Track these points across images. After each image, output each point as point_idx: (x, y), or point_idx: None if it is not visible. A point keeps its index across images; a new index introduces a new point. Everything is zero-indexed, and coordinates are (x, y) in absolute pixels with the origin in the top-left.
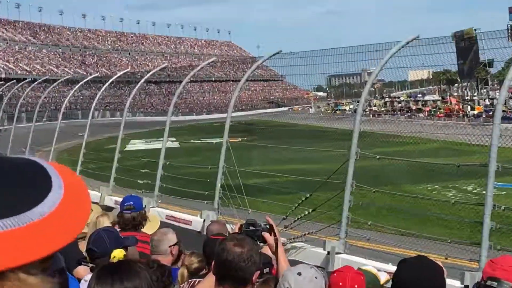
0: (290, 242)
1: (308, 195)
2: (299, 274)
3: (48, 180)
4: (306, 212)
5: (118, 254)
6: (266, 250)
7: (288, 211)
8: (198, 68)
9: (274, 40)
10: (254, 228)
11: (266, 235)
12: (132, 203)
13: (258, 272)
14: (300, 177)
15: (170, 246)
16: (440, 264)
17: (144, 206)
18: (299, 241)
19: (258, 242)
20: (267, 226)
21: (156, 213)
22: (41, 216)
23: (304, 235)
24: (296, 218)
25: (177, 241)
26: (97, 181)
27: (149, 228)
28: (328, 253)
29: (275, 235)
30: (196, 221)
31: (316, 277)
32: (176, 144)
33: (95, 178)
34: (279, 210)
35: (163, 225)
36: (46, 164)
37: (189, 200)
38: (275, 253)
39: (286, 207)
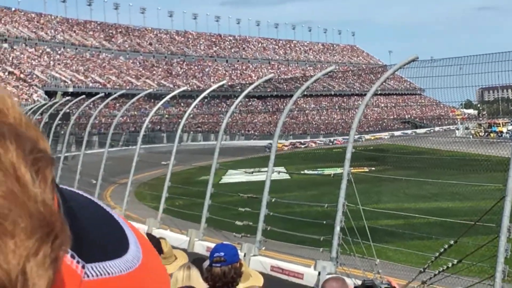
0: None
1: (452, 242)
2: None
3: (123, 230)
4: (450, 264)
5: None
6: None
7: (427, 262)
8: (313, 79)
9: (410, 44)
10: None
11: None
12: (222, 254)
13: None
14: (443, 218)
15: None
16: None
17: (244, 255)
18: None
19: None
20: None
21: (259, 263)
22: (137, 264)
23: None
24: (438, 271)
25: None
26: (185, 222)
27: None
28: None
29: None
30: (309, 274)
31: None
32: (286, 176)
33: (183, 217)
34: (415, 260)
35: (267, 278)
36: (114, 213)
37: (300, 247)
38: None
39: (424, 257)
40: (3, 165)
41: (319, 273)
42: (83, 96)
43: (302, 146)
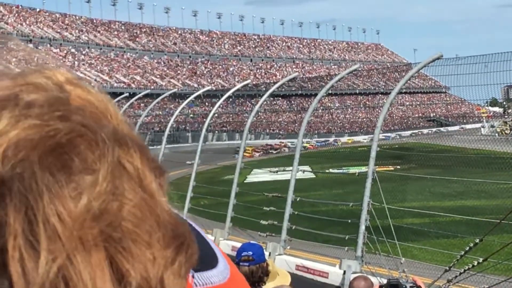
0: None
1: (478, 240)
2: None
3: (208, 242)
4: (476, 262)
5: None
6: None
7: (452, 261)
8: (337, 78)
9: (435, 41)
10: None
11: None
12: (251, 253)
13: None
14: (468, 217)
15: None
16: None
17: (269, 254)
18: None
19: None
20: None
21: (284, 262)
22: (228, 274)
23: None
24: (463, 270)
25: None
26: (210, 221)
27: (279, 285)
28: None
29: None
30: (334, 273)
31: None
32: (311, 175)
33: (208, 217)
34: (441, 259)
35: (292, 278)
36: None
37: (325, 246)
38: None
39: (450, 256)
40: (130, 174)
41: (344, 272)
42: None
43: (274, 151)
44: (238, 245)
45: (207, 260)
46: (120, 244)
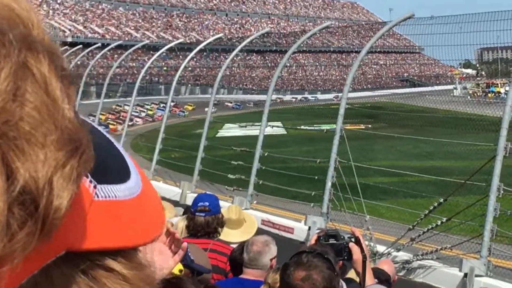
0: (417, 260)
1: (442, 200)
2: None
3: (123, 157)
4: (439, 222)
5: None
6: (384, 264)
7: (416, 219)
8: (308, 34)
9: (412, 1)
10: (335, 241)
11: (354, 247)
12: (207, 204)
13: None
14: (437, 177)
15: (271, 259)
16: None
17: (237, 205)
18: (428, 259)
19: (338, 260)
20: (352, 239)
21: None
22: (138, 191)
23: (436, 251)
24: (427, 229)
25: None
26: (180, 174)
27: (243, 233)
28: (466, 275)
29: (362, 251)
30: (299, 228)
31: None
32: (282, 131)
33: (178, 170)
34: (408, 218)
35: (257, 232)
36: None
37: (291, 201)
38: (362, 273)
39: (417, 215)
40: (36, 77)
41: (309, 228)
42: (80, 46)
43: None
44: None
45: (115, 173)
46: (14, 142)
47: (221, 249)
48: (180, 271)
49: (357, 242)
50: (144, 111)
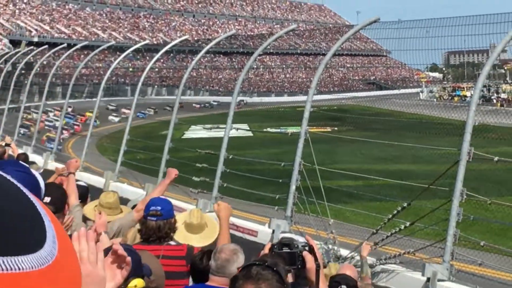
0: (381, 264)
1: (406, 204)
2: None
3: (43, 223)
4: (403, 226)
5: (139, 283)
6: (346, 270)
7: (381, 223)
8: (275, 37)
9: (378, 4)
10: (288, 250)
11: (308, 256)
12: (159, 208)
13: None
14: (401, 181)
15: (238, 269)
16: None
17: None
18: (392, 263)
19: (291, 268)
20: (306, 248)
21: (214, 219)
22: (50, 261)
23: (399, 255)
24: (390, 233)
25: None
26: (145, 176)
27: (204, 238)
28: (428, 279)
29: (316, 260)
30: (263, 231)
31: None
32: (249, 133)
33: (144, 171)
34: (372, 222)
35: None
36: (36, 201)
37: (256, 204)
38: (315, 282)
39: (380, 218)
40: None
41: (273, 231)
42: (46, 46)
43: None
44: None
45: (24, 242)
46: None
47: (173, 253)
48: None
49: (311, 250)
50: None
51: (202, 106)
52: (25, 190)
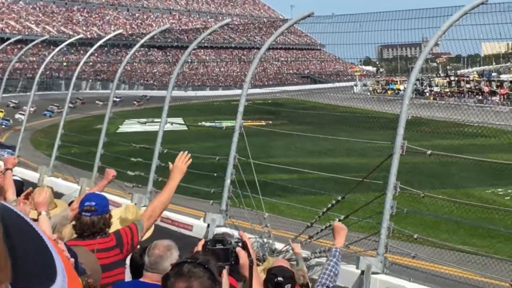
0: (315, 257)
1: (340, 198)
2: None
3: (52, 257)
4: (337, 220)
5: None
6: (279, 264)
7: (315, 217)
8: (209, 31)
9: None
10: (222, 246)
11: (241, 252)
12: (93, 203)
13: None
14: (336, 174)
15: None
16: None
17: (134, 205)
18: (326, 256)
19: (225, 264)
20: (239, 244)
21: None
22: None
23: None
24: (325, 226)
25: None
26: (79, 170)
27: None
28: (363, 272)
29: (249, 256)
30: (198, 225)
31: None
32: (184, 127)
33: (78, 166)
34: (307, 215)
35: (157, 229)
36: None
37: (191, 199)
38: (248, 278)
39: (315, 212)
40: None
41: (208, 225)
42: None
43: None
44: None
45: (38, 278)
46: None
47: (106, 245)
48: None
49: (244, 246)
50: None
51: (139, 101)
52: (33, 224)
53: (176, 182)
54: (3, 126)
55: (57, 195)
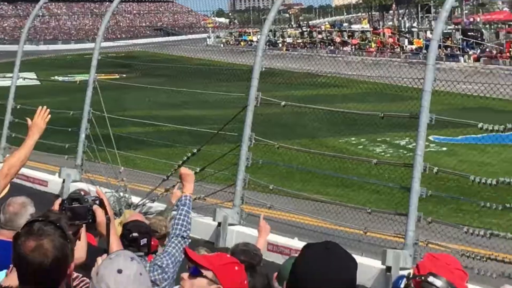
0: (173, 210)
1: (195, 150)
2: (120, 271)
3: None
4: (193, 172)
5: None
6: (134, 217)
7: (171, 170)
8: None
9: None
10: (78, 204)
11: (98, 210)
12: None
13: (72, 266)
14: (190, 127)
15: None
16: (354, 256)
17: None
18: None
19: (82, 222)
20: (97, 202)
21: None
22: None
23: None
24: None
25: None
26: None
27: None
28: (219, 224)
29: (106, 213)
30: (53, 181)
31: (141, 274)
32: (36, 82)
33: None
34: (163, 168)
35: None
36: None
37: (45, 154)
38: (106, 234)
39: (170, 165)
40: None
41: (64, 181)
42: None
43: None
44: None
45: None
46: None
47: None
48: None
49: (101, 204)
50: None
51: None
52: None
53: (35, 139)
54: None
55: None
